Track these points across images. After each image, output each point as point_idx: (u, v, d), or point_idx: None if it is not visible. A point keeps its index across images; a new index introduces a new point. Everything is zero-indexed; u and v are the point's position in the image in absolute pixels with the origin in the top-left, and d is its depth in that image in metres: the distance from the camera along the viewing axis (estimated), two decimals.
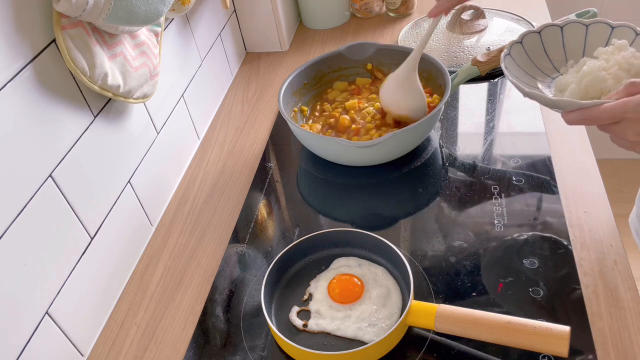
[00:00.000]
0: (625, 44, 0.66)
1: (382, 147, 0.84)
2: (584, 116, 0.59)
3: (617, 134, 0.59)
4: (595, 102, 0.58)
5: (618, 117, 0.56)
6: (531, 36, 0.73)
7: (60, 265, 0.65)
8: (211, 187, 0.94)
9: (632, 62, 0.63)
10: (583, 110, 0.59)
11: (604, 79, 0.63)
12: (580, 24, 0.72)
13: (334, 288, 0.69)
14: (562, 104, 0.62)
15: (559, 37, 0.73)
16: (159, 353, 0.70)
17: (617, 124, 0.57)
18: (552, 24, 0.73)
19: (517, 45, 0.73)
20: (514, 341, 0.57)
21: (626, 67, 0.63)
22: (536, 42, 0.73)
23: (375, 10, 1.36)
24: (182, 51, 0.96)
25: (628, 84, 0.57)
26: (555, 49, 0.73)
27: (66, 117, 0.66)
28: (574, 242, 0.73)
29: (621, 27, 0.69)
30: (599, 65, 0.64)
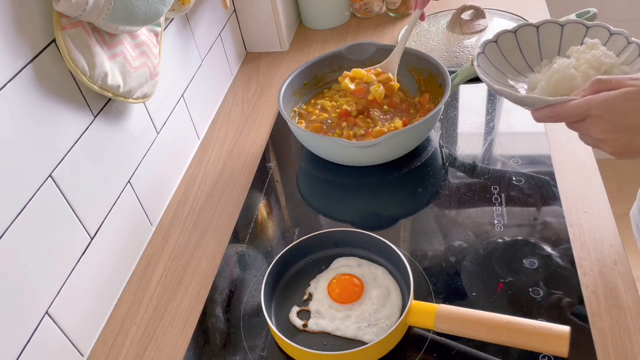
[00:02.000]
0: (597, 43, 0.66)
1: (382, 147, 0.84)
2: (550, 113, 0.59)
3: (582, 131, 0.59)
4: (561, 98, 0.58)
5: (583, 115, 0.56)
6: (506, 35, 0.73)
7: (60, 265, 0.65)
8: (211, 187, 0.94)
9: (603, 60, 0.63)
10: (550, 108, 0.59)
11: (573, 77, 0.63)
12: (555, 24, 0.72)
13: (334, 288, 0.69)
14: (529, 101, 0.62)
15: (535, 37, 0.73)
16: (159, 353, 0.70)
17: (583, 122, 0.57)
18: (527, 24, 0.73)
19: (492, 44, 0.73)
20: (514, 341, 0.57)
21: (596, 65, 0.63)
22: (511, 41, 0.73)
23: (375, 10, 1.36)
24: (182, 51, 0.96)
25: (594, 81, 0.56)
26: (530, 48, 0.73)
27: (66, 117, 0.66)
28: (574, 242, 0.73)
29: (596, 26, 0.69)
30: (569, 63, 0.64)
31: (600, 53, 0.64)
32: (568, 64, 0.64)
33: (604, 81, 0.56)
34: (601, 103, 0.54)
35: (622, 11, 1.70)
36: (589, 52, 0.65)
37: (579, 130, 0.59)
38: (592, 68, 0.63)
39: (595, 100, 0.55)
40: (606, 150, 0.58)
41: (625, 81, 0.55)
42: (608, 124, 0.55)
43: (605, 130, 0.55)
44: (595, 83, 0.56)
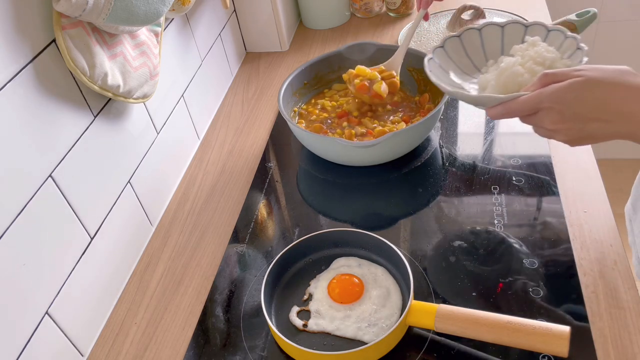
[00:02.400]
0: (538, 40, 0.69)
1: (382, 147, 0.84)
2: (504, 110, 0.62)
3: (536, 124, 0.62)
4: (513, 95, 0.61)
5: (535, 108, 0.59)
6: (452, 40, 0.77)
7: (60, 266, 0.65)
8: (211, 187, 0.94)
9: (545, 55, 0.66)
10: (503, 105, 0.62)
11: (520, 74, 0.66)
12: (496, 26, 0.75)
13: (334, 288, 0.69)
14: (483, 100, 0.65)
15: (478, 40, 0.76)
16: (159, 353, 0.70)
17: (535, 115, 0.60)
18: (470, 28, 0.77)
19: (440, 49, 0.76)
20: (514, 341, 0.57)
21: (540, 60, 0.66)
22: (457, 45, 0.77)
23: (375, 10, 1.36)
24: (182, 51, 0.96)
25: (542, 76, 0.59)
26: (475, 50, 0.77)
27: (66, 117, 0.66)
28: (574, 242, 0.73)
29: (534, 25, 0.73)
30: (515, 61, 0.67)
31: (542, 49, 0.67)
32: (514, 62, 0.67)
33: (551, 75, 0.59)
34: (550, 95, 0.57)
35: (622, 11, 1.70)
36: (531, 49, 0.68)
37: (532, 123, 0.62)
38: (537, 64, 0.66)
39: (544, 93, 0.58)
40: (560, 139, 0.60)
41: (570, 73, 0.57)
42: (558, 115, 0.57)
43: (556, 121, 0.58)
44: (543, 77, 0.59)
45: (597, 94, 0.56)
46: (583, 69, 0.57)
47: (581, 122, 0.57)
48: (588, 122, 0.57)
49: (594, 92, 0.56)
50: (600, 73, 0.56)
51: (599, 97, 0.56)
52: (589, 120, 0.57)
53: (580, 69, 0.57)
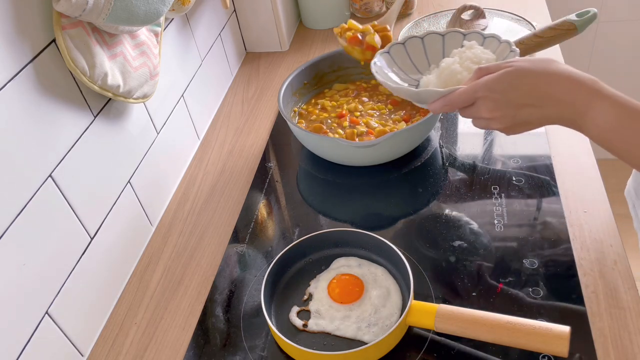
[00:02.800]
0: (474, 44, 0.75)
1: (382, 147, 0.84)
2: (444, 102, 0.66)
3: (473, 115, 0.65)
4: (451, 88, 0.66)
5: (471, 98, 0.63)
6: (397, 47, 0.82)
7: (60, 265, 0.65)
8: (211, 187, 0.94)
9: (481, 56, 0.72)
10: (443, 98, 0.66)
11: (458, 71, 0.71)
12: (437, 35, 0.82)
13: (334, 288, 0.69)
14: (424, 95, 0.69)
15: (421, 46, 0.82)
16: (159, 353, 0.70)
17: (473, 105, 0.64)
18: (413, 36, 0.82)
19: (385, 54, 0.82)
20: (514, 341, 0.57)
21: (476, 60, 0.72)
22: (402, 51, 0.83)
23: (375, 10, 1.36)
24: (182, 51, 0.96)
25: (477, 70, 0.65)
26: (419, 56, 0.82)
27: (66, 117, 0.66)
28: (574, 242, 0.73)
29: (471, 33, 0.79)
30: (453, 61, 0.73)
31: (478, 51, 0.73)
32: (453, 61, 0.73)
33: (485, 68, 0.64)
34: (484, 85, 0.62)
35: (622, 11, 1.70)
36: (468, 51, 0.74)
37: (470, 115, 0.66)
38: (473, 63, 0.71)
39: (479, 84, 0.62)
40: (496, 127, 0.64)
41: (502, 65, 0.62)
42: (493, 103, 0.62)
43: (492, 109, 0.62)
44: (477, 71, 0.64)
45: (526, 82, 0.60)
46: (513, 61, 0.62)
47: (514, 109, 0.61)
48: (520, 108, 0.61)
49: (523, 80, 0.60)
50: (528, 63, 0.61)
51: (528, 84, 0.60)
52: (521, 107, 0.61)
53: (511, 61, 0.62)
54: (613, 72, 1.84)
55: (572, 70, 0.60)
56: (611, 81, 0.61)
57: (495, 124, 0.63)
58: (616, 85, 0.59)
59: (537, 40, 0.82)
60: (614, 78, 1.83)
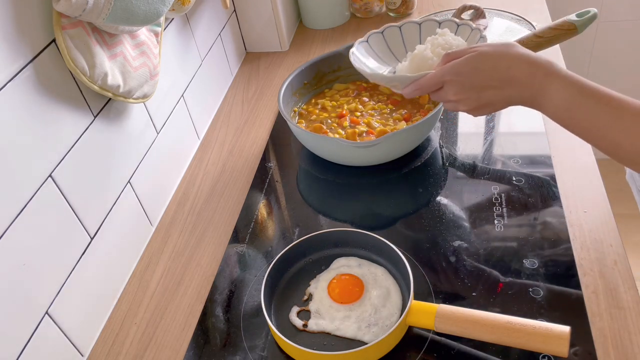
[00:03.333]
0: (446, 32, 0.79)
1: (382, 147, 0.84)
2: (415, 87, 0.71)
3: (442, 98, 0.70)
4: (422, 73, 0.70)
5: (440, 82, 0.68)
6: (375, 35, 0.86)
7: (60, 265, 0.65)
8: (211, 187, 0.94)
9: (451, 42, 0.76)
10: (414, 83, 0.71)
11: (429, 57, 0.75)
12: (414, 23, 0.86)
13: (334, 288, 0.69)
14: (397, 79, 0.73)
15: (399, 35, 0.87)
16: (159, 353, 0.70)
17: (441, 89, 0.68)
18: (391, 25, 0.87)
19: (364, 42, 0.86)
20: (514, 341, 0.57)
21: (447, 47, 0.76)
22: (380, 40, 0.87)
23: (375, 10, 1.36)
24: (182, 51, 0.96)
25: (445, 55, 0.68)
26: (397, 44, 0.88)
27: (66, 117, 0.66)
28: (574, 242, 0.73)
29: (446, 21, 0.83)
30: (425, 47, 0.77)
31: (450, 38, 0.77)
32: (424, 48, 0.77)
33: (452, 53, 0.68)
34: (450, 69, 0.66)
35: (622, 11, 1.70)
36: (440, 38, 0.77)
37: (439, 98, 0.70)
38: (444, 49, 0.75)
39: (446, 68, 0.66)
40: (463, 109, 0.68)
41: (467, 50, 0.66)
42: (458, 86, 0.66)
43: (457, 92, 0.66)
44: (445, 56, 0.68)
45: (488, 64, 0.64)
46: (477, 46, 0.66)
47: (477, 91, 0.65)
48: (483, 90, 0.65)
49: (485, 63, 0.64)
50: (490, 47, 0.65)
51: (489, 67, 0.64)
52: (483, 89, 0.65)
53: (475, 46, 0.66)
54: (613, 72, 1.84)
55: (530, 53, 0.63)
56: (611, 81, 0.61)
57: (462, 105, 0.68)
58: (616, 86, 0.59)
59: (537, 40, 0.82)
60: (614, 78, 1.83)
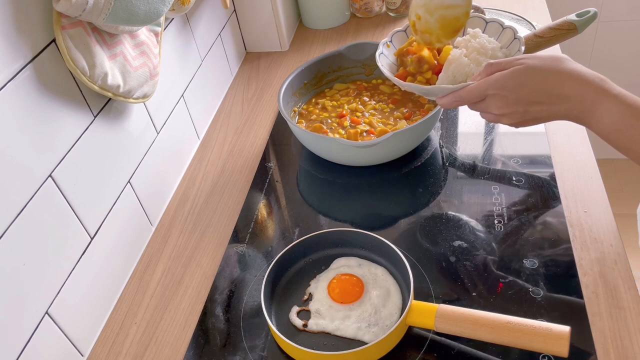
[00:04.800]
0: (478, 32, 0.75)
1: (382, 147, 0.84)
2: (454, 98, 0.68)
3: (483, 110, 0.67)
4: (461, 85, 0.67)
5: (482, 95, 0.65)
6: (399, 34, 0.83)
7: (60, 266, 0.65)
8: (211, 187, 0.94)
9: (487, 46, 0.73)
10: (453, 94, 0.68)
11: (466, 64, 0.71)
12: None
13: (334, 288, 0.69)
14: (435, 91, 0.70)
15: None
16: (159, 353, 0.70)
17: (483, 101, 0.66)
18: None
19: (388, 43, 0.82)
20: (514, 341, 0.57)
21: (483, 51, 0.72)
22: (404, 38, 0.82)
23: (375, 10, 1.36)
24: (182, 51, 0.96)
25: (487, 66, 0.66)
26: None
27: (66, 117, 0.66)
28: (574, 242, 0.73)
29: (473, 17, 0.79)
30: (460, 53, 0.72)
31: (483, 40, 0.73)
32: (460, 53, 0.72)
33: (496, 64, 0.65)
34: (495, 82, 0.63)
35: (622, 11, 1.70)
36: (474, 40, 0.74)
37: (480, 110, 0.68)
38: (480, 54, 0.72)
39: (490, 81, 0.64)
40: (506, 123, 0.66)
41: (512, 62, 0.63)
42: (503, 100, 0.63)
43: (501, 106, 0.64)
44: (488, 67, 0.65)
45: (536, 80, 0.61)
46: (523, 58, 0.63)
47: (524, 106, 0.63)
48: (529, 105, 0.63)
49: (533, 78, 0.61)
50: (538, 61, 0.62)
51: (537, 82, 0.61)
52: (530, 104, 0.62)
53: (521, 58, 0.63)
54: (613, 72, 1.84)
55: (581, 69, 0.61)
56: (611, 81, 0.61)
57: (505, 119, 0.66)
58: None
59: (537, 40, 0.82)
60: (614, 78, 1.82)
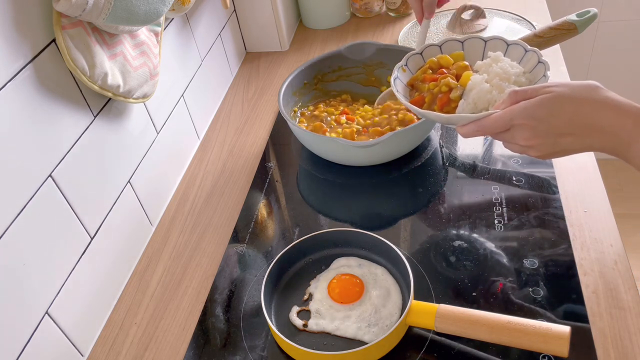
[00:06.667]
0: (500, 55, 0.70)
1: (382, 147, 0.84)
2: (477, 128, 0.63)
3: (508, 140, 0.62)
4: (485, 113, 0.62)
5: (507, 125, 0.60)
6: (414, 58, 0.77)
7: (60, 265, 0.65)
8: (211, 187, 0.94)
9: (509, 71, 0.68)
10: (475, 123, 0.63)
11: (488, 91, 0.66)
12: (456, 41, 0.76)
13: (334, 288, 0.69)
14: (455, 120, 0.65)
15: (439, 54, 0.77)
16: (159, 353, 0.70)
17: (508, 132, 0.61)
18: (431, 44, 0.77)
19: (404, 67, 0.77)
20: (514, 341, 0.57)
21: (505, 76, 0.67)
22: (420, 62, 0.77)
23: (375, 10, 1.36)
24: (182, 51, 0.96)
25: (512, 94, 0.60)
26: None
27: (66, 117, 0.66)
28: (574, 242, 0.73)
29: (493, 39, 0.74)
30: (482, 79, 0.67)
31: (506, 65, 0.68)
32: (481, 79, 0.67)
33: (521, 92, 0.60)
34: (522, 111, 0.58)
35: (622, 11, 1.70)
36: (495, 65, 0.69)
37: (505, 140, 0.63)
38: (502, 79, 0.67)
39: (516, 110, 0.59)
40: (533, 154, 0.61)
41: (540, 89, 0.59)
42: (531, 131, 0.59)
43: (529, 137, 0.59)
44: (512, 95, 0.60)
45: (567, 109, 0.57)
46: (552, 85, 0.59)
47: (553, 137, 0.58)
48: (560, 136, 0.58)
49: (564, 107, 0.57)
50: (569, 89, 0.57)
51: (569, 112, 0.57)
52: (561, 135, 0.58)
53: (549, 85, 0.59)
54: (613, 72, 1.84)
55: (617, 98, 0.57)
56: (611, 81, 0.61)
57: (532, 151, 0.61)
58: (616, 86, 0.59)
59: (537, 40, 0.82)
60: (614, 78, 1.83)
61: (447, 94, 0.70)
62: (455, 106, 0.69)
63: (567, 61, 1.06)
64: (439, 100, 0.70)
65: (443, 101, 0.70)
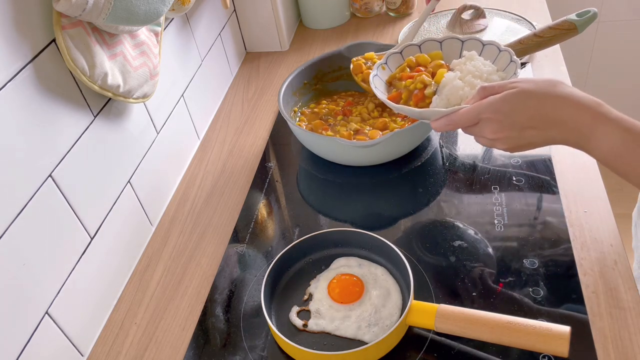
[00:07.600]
0: (474, 54, 0.73)
1: (382, 147, 0.84)
2: (447, 122, 0.66)
3: (477, 134, 0.65)
4: (454, 108, 0.65)
5: (475, 119, 0.63)
6: (394, 56, 0.80)
7: (60, 265, 0.65)
8: (211, 187, 0.94)
9: (482, 68, 0.71)
10: (446, 117, 0.66)
11: (460, 87, 0.69)
12: (434, 42, 0.79)
13: (334, 288, 0.69)
14: (427, 114, 0.68)
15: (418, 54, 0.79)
16: (159, 353, 0.70)
17: (476, 125, 0.63)
18: (410, 44, 0.80)
19: (384, 65, 0.79)
20: (514, 341, 0.57)
21: (477, 74, 0.70)
22: (399, 60, 0.80)
23: (375, 10, 1.36)
24: (182, 51, 0.96)
25: (480, 89, 0.63)
26: None
27: (66, 117, 0.66)
28: (574, 242, 0.73)
29: (470, 40, 0.77)
30: (455, 76, 0.70)
31: (479, 63, 0.71)
32: (454, 76, 0.70)
33: (489, 87, 0.63)
34: (489, 106, 0.61)
35: (622, 11, 1.70)
36: (469, 63, 0.72)
37: (474, 133, 0.65)
38: (475, 77, 0.70)
39: (483, 104, 0.61)
40: (500, 147, 0.64)
41: (506, 85, 0.61)
42: (497, 124, 0.61)
43: (496, 130, 0.62)
44: (481, 90, 0.63)
45: (530, 104, 0.59)
46: (517, 81, 0.61)
47: (518, 131, 0.61)
48: (524, 130, 0.60)
49: (527, 102, 0.59)
50: (532, 84, 0.60)
51: (532, 106, 0.59)
52: (525, 128, 0.60)
53: (515, 82, 0.61)
54: (613, 72, 1.84)
55: (577, 93, 0.59)
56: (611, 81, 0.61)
57: (499, 144, 0.63)
58: (616, 86, 0.59)
59: (537, 40, 0.82)
60: (614, 78, 1.83)
61: (422, 91, 0.73)
62: (430, 102, 0.72)
63: (567, 61, 1.06)
64: (415, 96, 0.73)
65: (418, 97, 0.73)
